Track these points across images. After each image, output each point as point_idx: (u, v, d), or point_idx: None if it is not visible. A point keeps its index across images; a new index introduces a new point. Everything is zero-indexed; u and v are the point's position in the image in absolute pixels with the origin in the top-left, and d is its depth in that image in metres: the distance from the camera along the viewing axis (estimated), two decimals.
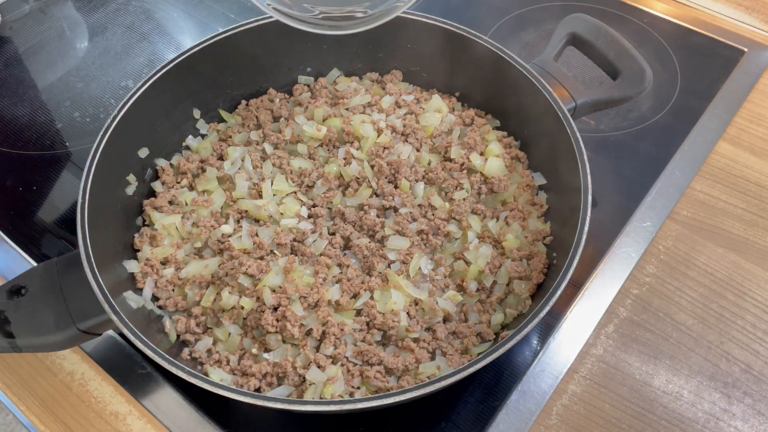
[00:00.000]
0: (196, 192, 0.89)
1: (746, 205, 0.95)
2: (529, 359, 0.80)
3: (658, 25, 1.22)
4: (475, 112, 0.97)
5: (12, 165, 1.03)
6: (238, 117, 0.99)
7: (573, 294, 0.85)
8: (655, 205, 0.94)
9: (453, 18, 0.94)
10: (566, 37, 0.94)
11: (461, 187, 0.87)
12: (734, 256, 0.90)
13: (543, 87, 0.85)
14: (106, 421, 0.77)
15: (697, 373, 0.80)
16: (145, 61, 1.19)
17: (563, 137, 0.81)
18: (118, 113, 0.83)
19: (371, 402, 0.62)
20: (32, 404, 0.78)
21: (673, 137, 1.03)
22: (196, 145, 0.95)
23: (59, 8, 1.29)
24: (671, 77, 1.13)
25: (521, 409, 0.75)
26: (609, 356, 0.81)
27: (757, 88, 1.10)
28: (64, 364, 0.81)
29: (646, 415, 0.76)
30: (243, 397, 0.62)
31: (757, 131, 1.05)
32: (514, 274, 0.79)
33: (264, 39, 0.95)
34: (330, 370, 0.72)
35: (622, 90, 0.89)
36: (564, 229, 0.78)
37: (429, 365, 0.73)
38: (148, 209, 0.86)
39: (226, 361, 0.74)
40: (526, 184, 0.89)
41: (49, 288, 0.70)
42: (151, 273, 0.80)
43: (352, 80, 1.02)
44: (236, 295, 0.77)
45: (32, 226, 0.94)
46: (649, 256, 0.90)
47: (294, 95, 1.00)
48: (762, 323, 0.84)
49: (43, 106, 1.12)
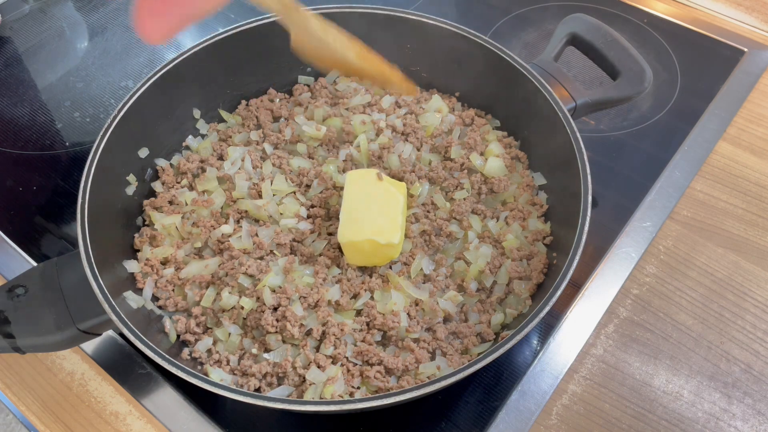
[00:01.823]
0: (196, 192, 0.89)
1: (746, 205, 0.95)
2: (529, 359, 0.80)
3: (658, 25, 1.22)
4: (475, 112, 0.98)
5: (12, 165, 1.03)
6: (238, 117, 0.99)
7: (573, 294, 0.85)
8: (655, 205, 0.94)
9: (453, 18, 0.94)
10: (566, 38, 0.94)
11: (461, 186, 0.87)
12: (734, 256, 0.90)
13: (543, 87, 0.85)
14: (106, 421, 0.77)
15: (697, 373, 0.80)
16: (145, 61, 1.19)
17: (563, 137, 0.81)
18: (118, 113, 0.83)
19: (371, 402, 0.62)
20: (32, 404, 0.78)
21: (673, 137, 1.03)
22: (196, 145, 0.95)
23: (59, 8, 1.29)
24: (671, 77, 1.13)
25: (521, 409, 0.75)
26: (609, 356, 0.81)
27: (757, 88, 1.10)
28: (64, 364, 0.81)
29: (646, 415, 0.76)
30: (243, 397, 0.62)
31: (757, 131, 1.05)
32: (514, 274, 0.79)
33: (264, 39, 0.95)
34: (330, 370, 0.72)
35: (622, 90, 0.89)
36: (564, 229, 0.78)
37: (429, 365, 0.73)
38: (148, 209, 0.86)
39: (226, 362, 0.74)
40: (526, 184, 0.89)
41: (49, 288, 0.70)
42: (151, 273, 0.80)
43: (351, 80, 1.02)
44: (236, 295, 0.77)
45: (32, 226, 0.94)
46: (649, 256, 0.90)
47: (294, 95, 1.00)
48: (762, 323, 0.84)
49: (43, 106, 1.12)
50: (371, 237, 0.76)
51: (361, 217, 0.78)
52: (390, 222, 0.78)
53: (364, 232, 0.77)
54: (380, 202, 0.79)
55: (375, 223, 0.77)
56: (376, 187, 0.80)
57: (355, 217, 0.78)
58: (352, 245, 0.78)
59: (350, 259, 0.81)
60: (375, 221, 0.78)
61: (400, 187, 0.83)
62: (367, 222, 0.77)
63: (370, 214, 0.78)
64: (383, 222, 0.78)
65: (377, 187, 0.80)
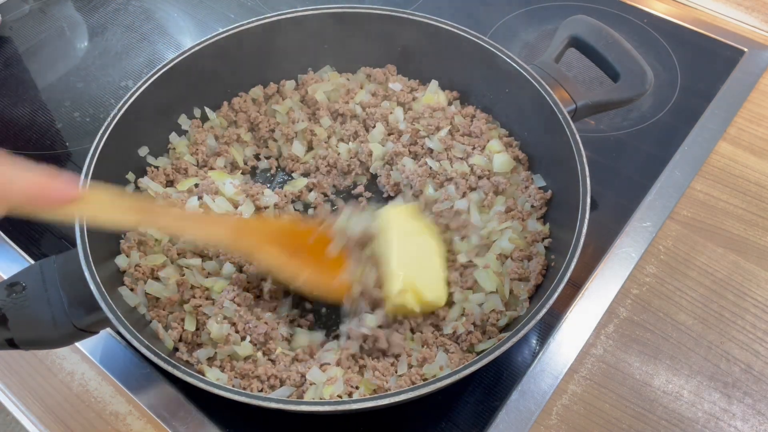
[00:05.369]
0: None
1: (746, 205, 0.95)
2: (529, 359, 0.80)
3: (658, 25, 1.22)
4: (474, 108, 0.97)
5: None
6: (223, 119, 0.98)
7: (573, 294, 0.85)
8: (655, 205, 0.94)
9: (453, 18, 0.94)
10: (567, 39, 0.94)
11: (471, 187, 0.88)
12: (734, 256, 0.90)
13: (543, 89, 0.85)
14: (106, 421, 0.77)
15: (697, 373, 0.80)
16: (145, 61, 1.19)
17: (563, 139, 0.81)
18: (117, 113, 0.83)
19: (369, 402, 0.62)
20: (32, 404, 0.78)
21: (673, 137, 1.03)
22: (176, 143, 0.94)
23: (59, 8, 1.29)
24: (671, 77, 1.13)
25: (521, 409, 0.75)
26: (609, 356, 0.81)
27: (757, 88, 1.10)
28: (64, 364, 0.81)
29: (646, 415, 0.76)
30: (240, 397, 0.62)
31: (757, 131, 1.05)
32: (513, 275, 0.79)
33: (264, 39, 0.95)
34: (330, 370, 0.72)
35: (622, 92, 0.89)
36: (563, 230, 0.78)
37: (432, 366, 0.72)
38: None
39: (230, 368, 0.74)
40: (525, 186, 0.89)
41: (47, 285, 0.70)
42: (142, 278, 0.78)
43: (343, 76, 1.02)
44: (226, 324, 0.75)
45: (32, 226, 0.94)
46: (649, 256, 0.90)
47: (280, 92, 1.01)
48: (762, 323, 0.84)
49: (43, 106, 1.12)
50: (429, 299, 0.73)
51: (411, 273, 0.73)
52: (436, 276, 0.74)
53: (415, 293, 0.73)
54: (421, 250, 0.75)
55: (425, 280, 0.73)
56: (416, 235, 0.75)
57: (409, 275, 0.73)
58: (401, 305, 0.73)
59: (400, 313, 0.75)
60: (424, 277, 0.73)
61: (430, 227, 0.79)
62: (420, 280, 0.73)
63: (418, 267, 0.73)
64: (430, 278, 0.73)
65: (417, 235, 0.76)
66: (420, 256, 0.76)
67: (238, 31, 0.92)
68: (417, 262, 0.75)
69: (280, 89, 1.00)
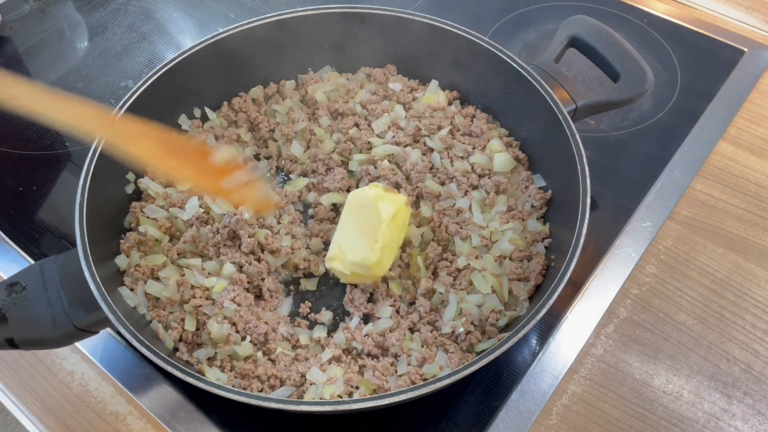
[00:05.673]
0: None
1: (746, 205, 0.95)
2: (529, 359, 0.80)
3: (658, 25, 1.22)
4: (474, 108, 0.97)
5: (12, 165, 1.03)
6: (223, 119, 0.98)
7: (573, 294, 0.85)
8: (655, 205, 0.94)
9: (453, 18, 0.94)
10: (567, 39, 0.94)
11: (471, 186, 0.88)
12: (734, 256, 0.90)
13: (543, 89, 0.85)
14: (106, 421, 0.77)
15: (697, 373, 0.80)
16: (145, 61, 1.19)
17: (563, 139, 0.81)
18: (117, 113, 0.83)
19: (368, 402, 0.62)
20: (32, 404, 0.78)
21: (673, 137, 1.03)
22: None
23: (59, 8, 1.29)
24: (671, 77, 1.13)
25: (521, 409, 0.75)
26: (609, 356, 0.81)
27: (757, 88, 1.10)
28: (64, 364, 0.81)
29: (646, 415, 0.76)
30: (240, 397, 0.62)
31: (757, 131, 1.05)
32: (513, 275, 0.79)
33: (264, 39, 0.95)
34: (330, 370, 0.72)
35: (622, 92, 0.89)
36: (563, 230, 0.78)
37: (432, 366, 0.72)
38: (137, 212, 0.85)
39: (230, 368, 0.74)
40: (525, 186, 0.89)
41: (47, 285, 0.70)
42: (142, 278, 0.79)
43: (343, 76, 1.02)
44: (226, 324, 0.75)
45: (32, 226, 0.94)
46: (649, 256, 0.90)
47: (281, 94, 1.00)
48: (762, 323, 0.84)
49: None
50: (352, 260, 0.77)
51: (343, 240, 0.80)
52: (368, 242, 0.78)
53: (343, 258, 0.78)
54: (365, 222, 0.80)
55: (352, 246, 0.78)
56: (365, 208, 0.81)
57: (339, 241, 0.80)
58: (335, 270, 0.80)
59: (343, 279, 0.82)
60: (353, 244, 0.79)
61: (392, 201, 0.82)
62: (347, 246, 0.79)
63: (352, 236, 0.80)
64: (360, 244, 0.78)
65: (365, 207, 0.80)
66: (360, 226, 0.80)
67: (238, 31, 0.92)
68: (354, 231, 0.80)
69: (280, 89, 1.00)
